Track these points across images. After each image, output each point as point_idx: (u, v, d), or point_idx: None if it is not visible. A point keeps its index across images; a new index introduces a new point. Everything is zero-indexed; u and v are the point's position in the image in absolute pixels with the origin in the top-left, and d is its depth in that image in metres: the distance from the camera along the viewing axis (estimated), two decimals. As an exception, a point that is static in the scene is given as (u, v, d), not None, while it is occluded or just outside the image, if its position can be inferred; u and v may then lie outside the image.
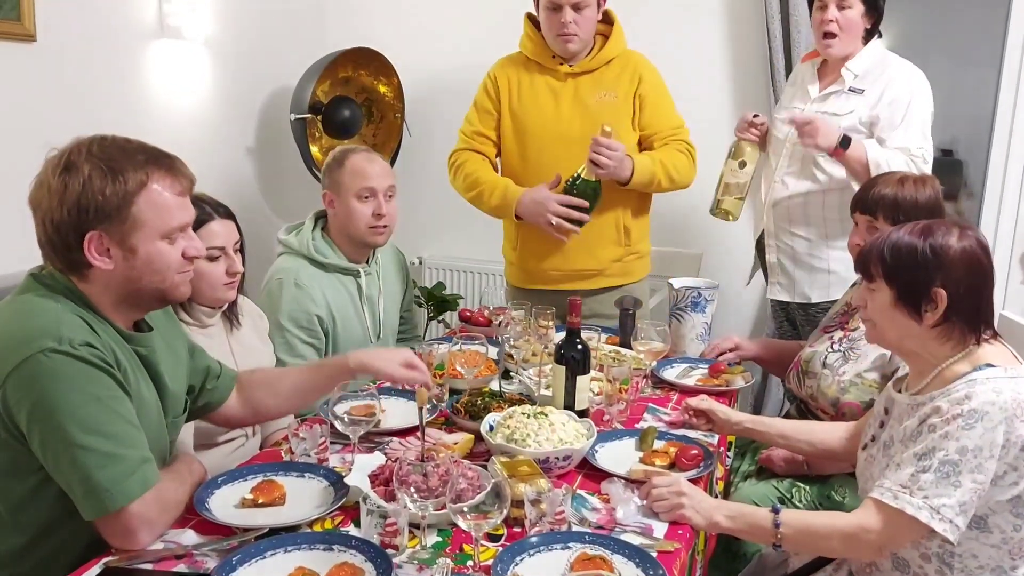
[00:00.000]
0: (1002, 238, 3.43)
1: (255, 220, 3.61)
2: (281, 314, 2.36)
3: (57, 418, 1.41)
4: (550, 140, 2.73)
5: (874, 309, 1.63)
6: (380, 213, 2.46)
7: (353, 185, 2.44)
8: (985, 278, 1.58)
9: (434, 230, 4.05)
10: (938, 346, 1.59)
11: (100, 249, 1.48)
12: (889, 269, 1.59)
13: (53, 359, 1.41)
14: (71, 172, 1.45)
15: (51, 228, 1.48)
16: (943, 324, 1.57)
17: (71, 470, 1.42)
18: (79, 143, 1.49)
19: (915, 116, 2.57)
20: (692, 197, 3.08)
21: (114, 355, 1.50)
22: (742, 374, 2.39)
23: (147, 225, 1.50)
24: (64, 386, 1.41)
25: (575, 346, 1.99)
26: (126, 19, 2.96)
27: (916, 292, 1.56)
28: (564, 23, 2.64)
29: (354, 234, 2.48)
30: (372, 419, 1.82)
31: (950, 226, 1.59)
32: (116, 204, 1.46)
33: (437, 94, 3.84)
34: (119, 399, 1.47)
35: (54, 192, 1.46)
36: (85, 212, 1.45)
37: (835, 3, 2.58)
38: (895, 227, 1.63)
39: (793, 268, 2.80)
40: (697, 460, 1.84)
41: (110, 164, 1.47)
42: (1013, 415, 1.48)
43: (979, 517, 1.53)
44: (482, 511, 1.41)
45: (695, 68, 3.54)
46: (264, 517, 1.56)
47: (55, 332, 1.43)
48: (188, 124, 3.27)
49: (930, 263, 1.55)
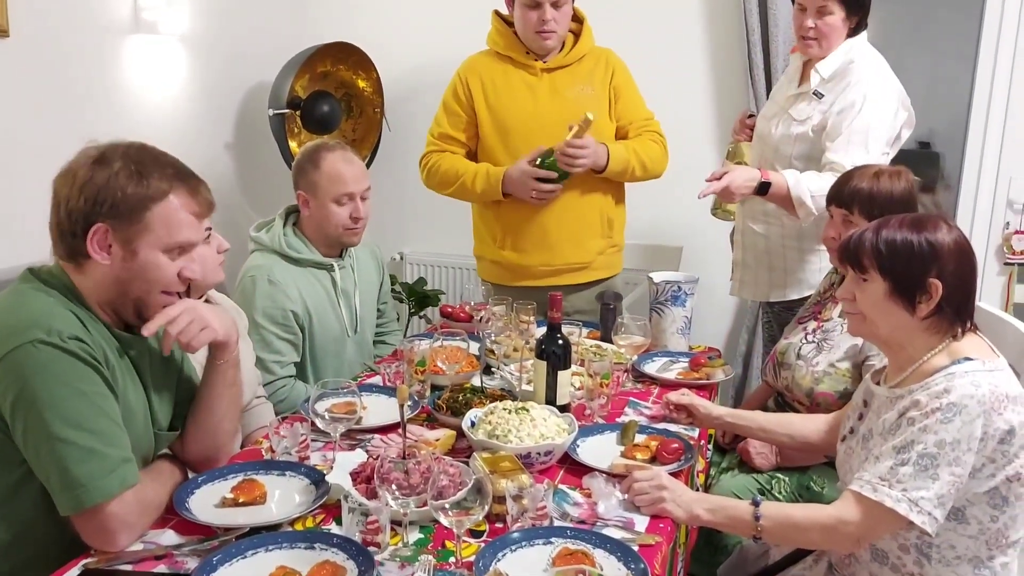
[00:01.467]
0: (978, 230, 3.46)
1: (234, 216, 3.59)
2: (256, 311, 2.35)
3: (40, 408, 1.41)
4: (532, 134, 2.72)
5: (865, 301, 1.64)
6: (357, 216, 2.46)
7: (332, 189, 2.42)
8: (973, 269, 1.62)
9: (415, 225, 4.04)
10: (927, 337, 1.61)
11: (102, 243, 1.51)
12: (885, 261, 1.60)
13: (41, 350, 1.42)
14: (101, 165, 1.50)
15: (63, 213, 1.51)
16: (934, 316, 1.59)
17: (50, 461, 1.43)
18: (119, 142, 1.54)
19: (859, 128, 2.44)
20: (672, 191, 3.09)
21: (103, 353, 1.51)
22: (722, 367, 2.41)
23: (154, 233, 1.53)
24: (50, 377, 1.42)
25: (556, 341, 1.99)
26: (100, 14, 2.92)
27: (912, 283, 1.58)
28: (544, 20, 2.65)
29: (330, 234, 2.48)
30: (353, 416, 1.82)
31: (937, 219, 1.61)
32: (133, 204, 1.50)
33: (416, 88, 3.82)
34: (104, 396, 1.48)
35: (79, 180, 1.49)
36: (100, 204, 1.49)
37: (814, 11, 2.49)
38: (882, 221, 1.64)
39: (755, 266, 2.78)
40: (678, 454, 1.85)
41: (139, 167, 1.51)
42: (991, 408, 1.49)
43: (957, 508, 1.55)
44: (464, 507, 1.41)
45: (674, 64, 3.55)
46: (245, 516, 1.56)
47: (46, 324, 1.44)
48: (165, 120, 3.24)
49: (926, 255, 1.57)
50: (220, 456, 1.77)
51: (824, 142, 2.51)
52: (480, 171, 2.75)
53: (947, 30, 4.53)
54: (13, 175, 2.56)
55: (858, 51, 2.56)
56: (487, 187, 2.73)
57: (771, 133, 2.66)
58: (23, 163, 2.57)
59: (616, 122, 2.82)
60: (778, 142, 2.62)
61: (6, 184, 2.56)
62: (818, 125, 2.53)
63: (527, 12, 2.67)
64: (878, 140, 2.48)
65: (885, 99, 2.50)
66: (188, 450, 1.74)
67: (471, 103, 2.79)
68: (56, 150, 1.58)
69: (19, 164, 2.58)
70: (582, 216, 2.78)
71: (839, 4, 2.49)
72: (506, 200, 2.75)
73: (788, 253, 2.68)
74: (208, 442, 1.74)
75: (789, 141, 2.59)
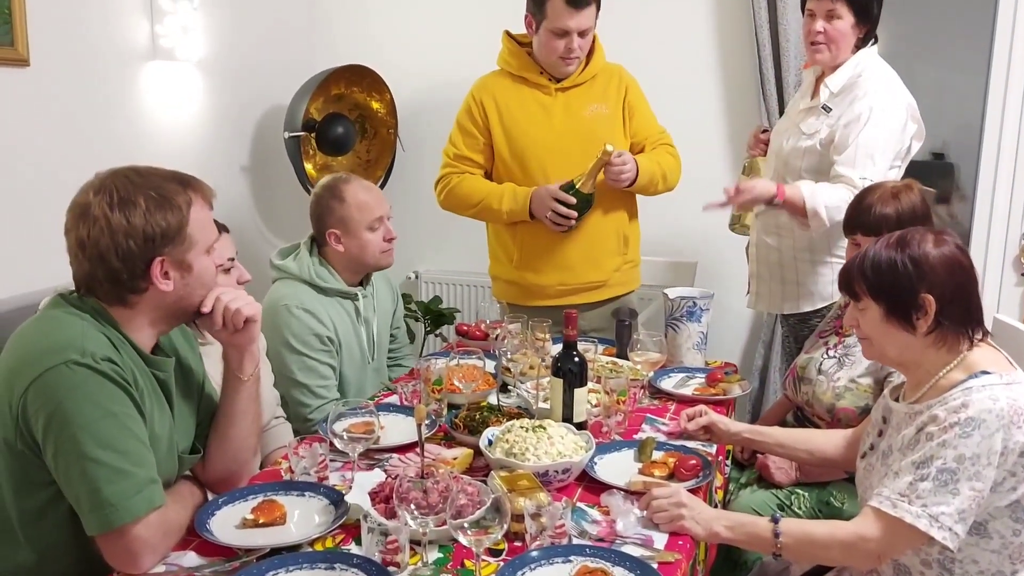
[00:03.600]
0: (994, 240, 3.44)
1: (251, 238, 3.63)
2: (294, 339, 2.36)
3: (72, 429, 1.44)
4: (548, 154, 2.73)
5: (867, 327, 1.64)
6: (391, 237, 2.49)
7: (363, 219, 2.44)
8: (968, 278, 1.60)
9: (430, 244, 4.06)
10: (935, 353, 1.60)
11: (163, 273, 1.55)
12: (872, 285, 1.61)
13: (75, 371, 1.45)
14: (128, 206, 1.52)
15: (117, 261, 1.52)
16: (936, 330, 1.58)
17: (80, 481, 1.45)
18: (114, 177, 1.55)
19: (865, 140, 2.45)
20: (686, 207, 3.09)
21: (133, 375, 1.53)
22: (739, 382, 2.40)
23: (198, 242, 1.59)
24: (82, 398, 1.44)
25: (572, 359, 2.00)
26: (119, 42, 2.97)
27: (904, 303, 1.58)
28: (571, 49, 2.66)
29: (368, 262, 2.50)
30: (371, 436, 1.83)
31: (924, 233, 1.60)
32: (176, 228, 1.55)
33: (429, 109, 3.85)
34: (133, 418, 1.50)
35: (117, 227, 1.51)
36: (152, 240, 1.53)
37: (823, 15, 2.53)
38: (870, 246, 1.64)
39: (769, 278, 2.78)
40: (696, 470, 1.85)
41: (160, 192, 1.55)
42: (1010, 422, 1.48)
43: (979, 523, 1.53)
44: (482, 526, 1.42)
45: (686, 80, 3.57)
46: (265, 537, 1.57)
47: (79, 345, 1.47)
48: (182, 144, 3.28)
49: (911, 272, 1.56)
50: (242, 475, 1.78)
51: (832, 155, 2.52)
52: (507, 191, 2.75)
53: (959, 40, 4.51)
54: (36, 202, 2.60)
55: (866, 64, 2.58)
56: (514, 207, 2.73)
57: (783, 147, 2.67)
58: (46, 190, 2.61)
59: (631, 139, 2.82)
60: (788, 155, 2.64)
61: (30, 211, 2.60)
62: (826, 139, 2.54)
63: (554, 40, 2.66)
64: (885, 153, 2.49)
65: (892, 112, 2.51)
66: (210, 469, 1.75)
67: (487, 124, 2.79)
68: (77, 177, 1.60)
69: (42, 191, 2.62)
70: (599, 235, 2.79)
71: (848, 9, 2.52)
72: (523, 221, 2.76)
73: (800, 266, 2.68)
74: (230, 460, 1.76)
75: (798, 154, 2.60)
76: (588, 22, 2.64)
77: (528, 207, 2.70)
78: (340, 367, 2.47)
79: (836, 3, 2.51)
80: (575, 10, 2.60)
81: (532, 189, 2.71)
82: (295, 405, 2.39)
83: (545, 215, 2.68)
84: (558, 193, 2.65)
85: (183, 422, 1.71)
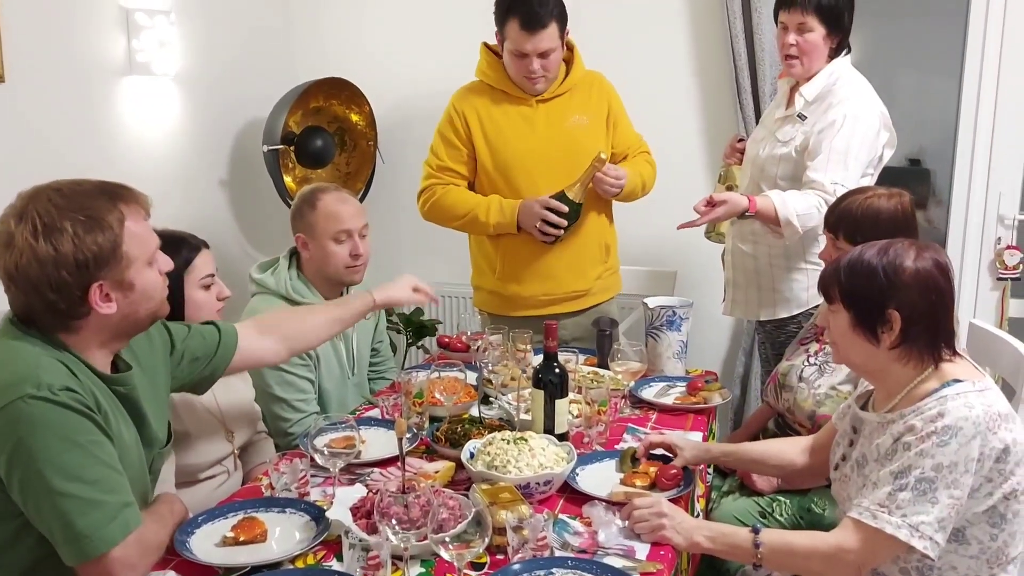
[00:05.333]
0: (970, 245, 3.47)
1: (231, 252, 3.61)
2: None
3: (37, 465, 1.40)
4: (532, 165, 2.73)
5: (835, 332, 1.65)
6: (357, 253, 2.46)
7: (329, 228, 2.42)
8: (940, 299, 1.57)
9: (410, 256, 4.05)
10: (901, 367, 1.60)
11: (103, 297, 1.50)
12: (845, 292, 1.61)
13: (32, 405, 1.41)
14: (53, 233, 1.44)
15: (51, 291, 1.45)
16: (901, 346, 1.58)
17: (52, 517, 1.42)
18: (35, 201, 1.46)
19: (838, 147, 2.47)
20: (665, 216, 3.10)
21: (94, 398, 1.50)
22: (719, 391, 2.41)
23: (137, 258, 1.53)
24: (44, 432, 1.41)
25: (552, 370, 2.00)
26: (95, 57, 2.95)
27: (871, 315, 1.57)
28: (531, 70, 2.65)
29: (331, 275, 2.47)
30: (352, 451, 1.82)
31: (909, 246, 1.59)
32: (111, 248, 1.48)
33: (409, 120, 3.85)
34: (99, 443, 1.47)
35: (45, 258, 1.44)
36: (85, 267, 1.46)
37: (795, 28, 2.55)
38: (853, 250, 1.64)
39: (746, 285, 2.80)
40: (677, 479, 1.85)
41: (87, 213, 1.47)
42: (986, 428, 1.50)
43: (957, 530, 1.55)
44: (464, 540, 1.42)
45: (663, 88, 3.59)
46: (246, 555, 1.56)
47: (34, 378, 1.42)
48: (160, 159, 3.27)
49: (883, 285, 1.56)
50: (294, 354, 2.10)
51: (805, 161, 2.54)
52: (493, 204, 2.74)
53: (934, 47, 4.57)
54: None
55: (840, 73, 2.61)
56: (502, 219, 2.72)
57: (759, 155, 2.70)
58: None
59: (613, 149, 2.83)
60: (764, 163, 2.67)
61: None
62: (800, 145, 2.57)
63: (514, 59, 2.67)
64: (858, 159, 2.51)
65: (866, 119, 2.54)
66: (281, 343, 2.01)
67: (469, 136, 2.78)
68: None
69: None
70: (583, 245, 2.80)
71: (819, 21, 2.54)
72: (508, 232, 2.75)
73: (776, 272, 2.70)
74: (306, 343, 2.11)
75: (774, 162, 2.63)
76: (547, 44, 2.62)
77: (516, 220, 2.70)
78: (320, 381, 2.46)
79: (807, 16, 2.54)
80: (529, 33, 2.59)
81: (519, 202, 2.70)
82: (274, 420, 2.38)
83: (534, 225, 2.67)
84: (549, 202, 2.64)
85: (158, 420, 1.68)
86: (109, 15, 2.99)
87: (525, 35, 2.59)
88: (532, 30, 2.58)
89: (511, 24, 2.61)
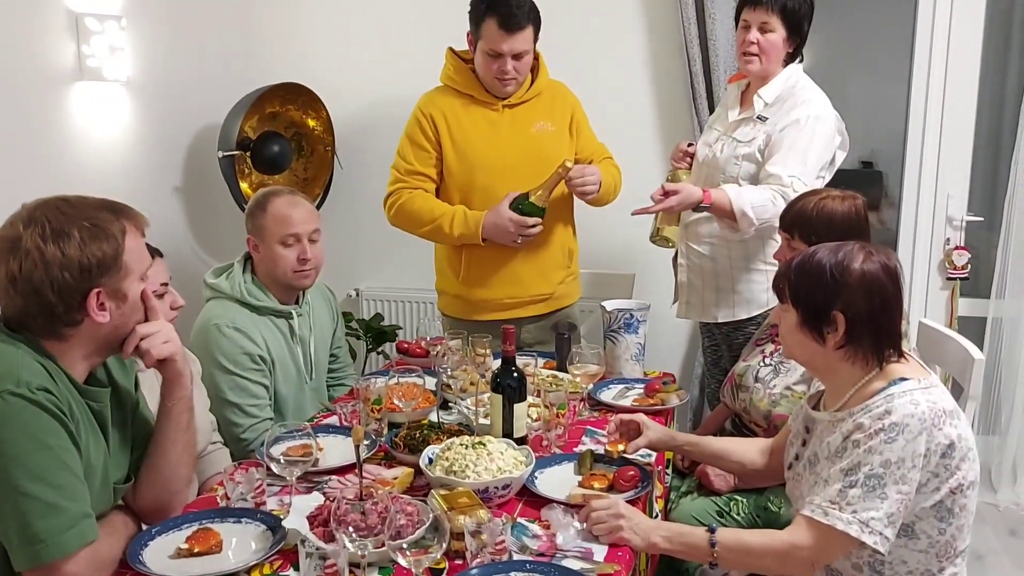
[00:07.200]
0: (920, 245, 3.55)
1: (186, 260, 3.56)
2: (224, 359, 2.33)
3: (4, 461, 1.41)
4: (498, 170, 2.74)
5: (784, 329, 1.68)
6: (305, 258, 2.44)
7: (277, 231, 2.42)
8: (886, 302, 1.60)
9: (370, 261, 4.03)
10: (848, 367, 1.63)
11: (99, 304, 1.53)
12: (793, 291, 1.64)
13: (9, 402, 1.43)
14: (62, 237, 1.50)
15: (52, 295, 1.49)
16: (846, 346, 1.61)
17: (12, 515, 1.42)
18: (45, 208, 1.52)
19: (799, 143, 2.52)
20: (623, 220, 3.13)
21: (69, 405, 1.51)
22: (676, 392, 2.43)
23: (133, 271, 1.57)
24: (17, 430, 1.42)
25: (511, 374, 2.01)
26: (43, 63, 2.90)
27: (817, 315, 1.61)
28: (504, 71, 2.67)
29: (280, 278, 2.46)
30: (309, 459, 1.81)
31: (859, 249, 1.61)
32: (113, 256, 1.53)
33: (367, 126, 3.83)
34: (68, 451, 1.48)
35: (52, 260, 1.49)
36: (88, 271, 1.51)
37: (757, 26, 2.60)
38: (806, 251, 1.67)
39: (702, 288, 2.82)
40: (635, 481, 1.86)
41: (93, 222, 1.53)
42: (932, 424, 1.53)
43: (906, 525, 1.58)
44: (422, 546, 1.42)
45: (618, 94, 3.61)
46: (201, 566, 1.54)
47: (15, 375, 1.45)
48: (113, 166, 3.21)
49: (830, 286, 1.59)
50: (175, 504, 1.74)
51: (765, 159, 2.58)
52: (458, 215, 2.73)
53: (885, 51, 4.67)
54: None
55: (799, 77, 2.67)
56: (466, 231, 2.72)
57: (716, 156, 2.72)
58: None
59: (577, 155, 2.85)
60: (724, 164, 2.68)
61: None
62: (763, 143, 2.61)
63: (488, 60, 2.68)
64: (818, 157, 2.57)
65: (827, 120, 2.60)
66: (142, 498, 1.71)
67: (438, 139, 2.78)
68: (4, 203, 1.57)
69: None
70: (548, 249, 2.82)
71: (781, 23, 2.60)
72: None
73: (736, 273, 2.73)
74: (162, 490, 1.71)
75: (736, 161, 2.65)
76: (522, 45, 2.65)
77: (480, 233, 2.70)
78: (275, 386, 2.44)
79: (771, 16, 2.58)
80: (507, 34, 2.61)
81: (483, 214, 2.70)
82: (227, 425, 2.35)
83: (515, 240, 2.68)
84: (523, 220, 2.65)
85: (118, 452, 1.67)
86: (58, 20, 2.94)
87: (502, 35, 2.62)
88: (509, 30, 2.61)
89: (488, 23, 2.63)
